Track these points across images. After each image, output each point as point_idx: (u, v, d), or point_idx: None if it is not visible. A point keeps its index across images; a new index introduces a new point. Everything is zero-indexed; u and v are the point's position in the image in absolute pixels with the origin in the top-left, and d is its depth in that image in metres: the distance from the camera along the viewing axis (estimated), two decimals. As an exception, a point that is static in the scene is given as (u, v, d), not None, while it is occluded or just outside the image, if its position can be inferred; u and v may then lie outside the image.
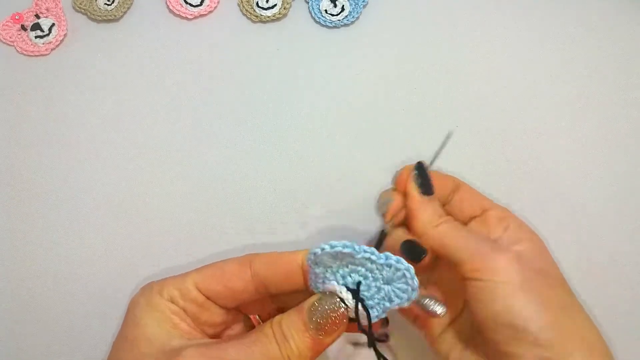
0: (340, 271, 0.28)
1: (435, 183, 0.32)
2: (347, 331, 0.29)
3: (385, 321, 0.30)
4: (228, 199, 0.42)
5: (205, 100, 0.45)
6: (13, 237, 0.41)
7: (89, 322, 0.39)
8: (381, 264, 0.27)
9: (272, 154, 0.43)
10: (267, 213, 0.42)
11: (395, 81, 0.45)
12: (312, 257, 0.28)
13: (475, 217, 0.32)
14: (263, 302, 0.32)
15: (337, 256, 0.27)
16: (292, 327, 0.27)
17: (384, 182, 0.42)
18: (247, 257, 0.30)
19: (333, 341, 0.27)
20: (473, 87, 0.45)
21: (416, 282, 0.27)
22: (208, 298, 0.30)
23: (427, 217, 0.31)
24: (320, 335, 0.27)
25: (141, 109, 0.45)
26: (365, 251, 0.27)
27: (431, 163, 0.33)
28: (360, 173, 0.43)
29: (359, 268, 0.27)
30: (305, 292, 0.29)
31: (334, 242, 0.27)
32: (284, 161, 0.43)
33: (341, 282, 0.28)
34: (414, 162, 0.34)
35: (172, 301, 0.29)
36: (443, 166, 0.43)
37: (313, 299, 0.28)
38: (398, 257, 0.27)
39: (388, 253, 0.27)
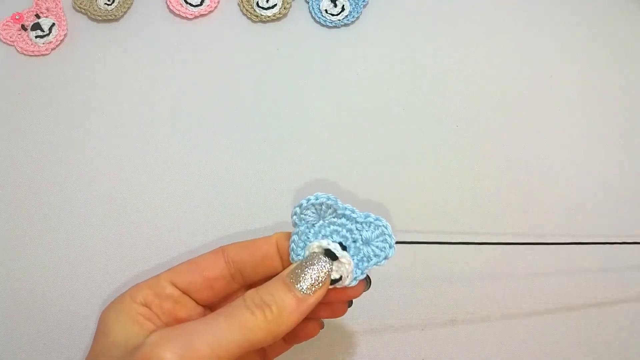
0: (322, 231, 0.29)
1: None
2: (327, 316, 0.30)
3: (367, 284, 0.30)
4: (228, 199, 0.42)
5: (205, 100, 0.45)
6: (13, 237, 0.41)
7: (89, 322, 0.39)
8: (361, 223, 0.28)
9: (272, 154, 0.43)
10: (267, 213, 0.42)
11: (395, 81, 0.45)
12: (298, 210, 0.29)
13: None
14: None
15: (320, 210, 0.29)
16: (273, 292, 0.27)
17: (384, 181, 0.42)
18: (219, 247, 0.30)
19: (317, 300, 0.27)
20: (473, 86, 0.45)
21: (394, 239, 0.28)
22: (184, 292, 0.30)
23: None
24: (306, 293, 0.27)
25: (141, 109, 0.45)
26: (346, 208, 0.29)
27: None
28: (361, 173, 0.43)
29: (340, 229, 0.29)
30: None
31: (319, 194, 0.28)
32: (284, 161, 0.43)
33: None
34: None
35: (146, 304, 0.29)
36: (444, 165, 0.43)
37: (295, 264, 0.28)
38: (378, 215, 0.29)
39: (368, 212, 0.29)
